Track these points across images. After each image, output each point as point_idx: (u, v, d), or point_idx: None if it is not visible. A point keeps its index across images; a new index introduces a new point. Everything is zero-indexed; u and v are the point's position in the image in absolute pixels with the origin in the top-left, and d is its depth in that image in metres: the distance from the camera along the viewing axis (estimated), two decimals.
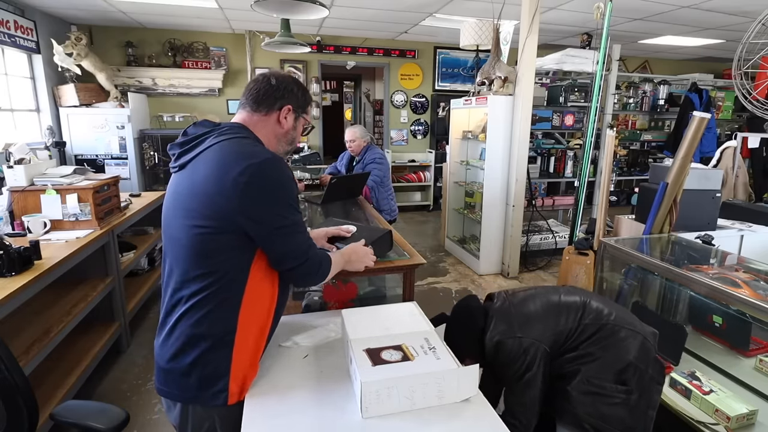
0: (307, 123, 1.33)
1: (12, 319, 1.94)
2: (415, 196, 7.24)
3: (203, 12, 4.83)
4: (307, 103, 1.29)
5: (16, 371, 1.22)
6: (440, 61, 6.90)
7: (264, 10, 3.00)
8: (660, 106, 5.47)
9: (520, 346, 1.46)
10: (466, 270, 4.52)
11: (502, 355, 1.49)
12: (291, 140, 1.29)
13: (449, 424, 1.03)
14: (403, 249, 1.90)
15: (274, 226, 1.09)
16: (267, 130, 1.23)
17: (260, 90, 1.21)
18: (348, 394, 1.12)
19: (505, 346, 1.48)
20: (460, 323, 1.62)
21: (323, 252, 1.27)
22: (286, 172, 1.12)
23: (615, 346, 1.47)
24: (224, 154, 1.09)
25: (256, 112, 1.21)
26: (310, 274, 1.20)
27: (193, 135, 1.16)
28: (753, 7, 4.28)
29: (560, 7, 4.51)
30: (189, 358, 1.10)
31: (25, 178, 2.52)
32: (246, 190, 1.04)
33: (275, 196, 1.08)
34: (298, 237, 1.15)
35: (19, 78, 4.56)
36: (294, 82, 1.26)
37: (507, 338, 1.49)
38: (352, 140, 3.43)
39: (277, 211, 1.09)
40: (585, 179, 3.55)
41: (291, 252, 1.14)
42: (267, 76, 1.24)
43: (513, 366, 1.47)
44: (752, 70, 2.77)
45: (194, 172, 1.11)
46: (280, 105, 1.22)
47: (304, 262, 1.16)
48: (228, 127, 1.17)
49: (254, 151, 1.10)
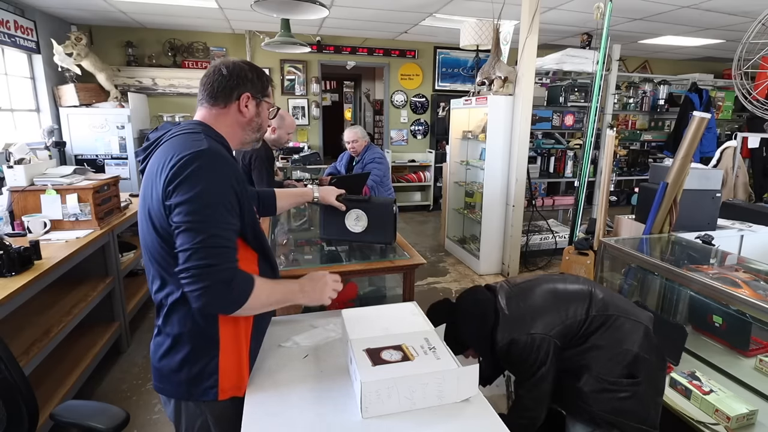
0: (272, 106, 1.28)
1: (12, 319, 1.94)
2: (415, 196, 7.24)
3: (203, 12, 4.83)
4: (265, 86, 1.23)
5: (16, 371, 1.22)
6: (440, 61, 6.90)
7: (264, 10, 3.00)
8: (660, 106, 5.47)
9: (532, 343, 1.45)
10: (466, 270, 4.52)
11: (514, 353, 1.48)
12: (257, 127, 1.25)
13: (449, 424, 1.03)
14: (403, 249, 1.90)
15: (182, 219, 0.99)
16: (229, 122, 1.18)
17: (214, 83, 1.16)
18: (348, 394, 1.12)
19: (518, 344, 1.47)
20: (469, 319, 1.59)
21: (247, 273, 1.06)
22: (220, 167, 1.04)
23: (621, 339, 1.47)
24: (165, 150, 1.06)
25: (214, 106, 1.17)
26: (209, 287, 0.97)
27: (153, 138, 1.15)
28: (753, 7, 4.28)
29: (560, 7, 4.51)
30: (178, 356, 1.10)
31: (25, 178, 2.52)
32: (171, 178, 0.99)
33: (193, 187, 0.99)
34: (206, 237, 0.98)
35: (19, 78, 4.56)
36: (248, 67, 1.20)
37: (520, 336, 1.47)
38: (354, 141, 3.43)
39: (190, 205, 0.99)
40: (585, 179, 3.55)
41: (189, 251, 0.98)
42: (218, 67, 1.17)
43: (526, 363, 1.46)
44: (752, 70, 2.76)
45: (149, 169, 1.09)
46: (237, 94, 1.17)
47: (204, 268, 0.97)
48: (184, 125, 1.14)
49: (191, 144, 1.04)
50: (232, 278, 1.01)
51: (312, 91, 6.46)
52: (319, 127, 6.65)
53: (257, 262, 1.19)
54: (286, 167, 5.65)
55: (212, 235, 0.99)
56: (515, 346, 1.47)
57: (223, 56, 5.94)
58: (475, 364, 1.10)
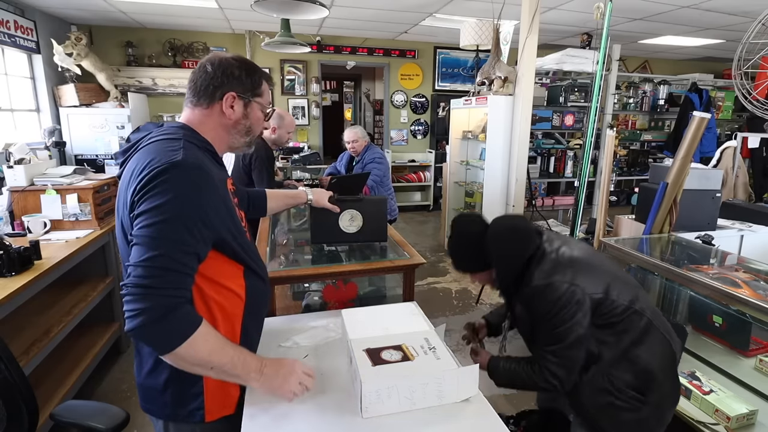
0: (265, 107, 1.15)
1: (12, 319, 1.94)
2: (415, 196, 7.24)
3: (203, 12, 4.83)
4: (255, 85, 1.10)
5: (16, 371, 1.22)
6: (440, 61, 6.90)
7: (264, 10, 3.00)
8: (660, 106, 5.47)
9: (572, 296, 1.28)
10: None
11: (549, 298, 1.30)
12: (246, 130, 1.13)
13: (449, 424, 1.03)
14: (403, 249, 1.90)
15: (136, 232, 0.89)
16: (213, 124, 1.08)
17: (197, 81, 1.06)
18: (348, 394, 1.12)
19: (557, 290, 1.29)
20: (507, 237, 1.43)
21: (196, 314, 0.93)
22: (192, 182, 0.93)
23: (646, 348, 1.35)
24: (139, 158, 0.97)
25: (197, 106, 1.07)
26: (143, 310, 0.84)
27: (134, 141, 1.06)
28: (753, 7, 4.27)
29: (560, 7, 4.51)
30: (162, 376, 1.03)
31: (25, 178, 2.52)
32: (138, 190, 0.91)
33: (156, 201, 0.89)
34: (154, 255, 0.86)
35: (19, 78, 4.56)
36: (236, 63, 1.08)
37: (561, 282, 1.30)
38: (355, 141, 3.43)
39: (148, 218, 0.88)
40: (585, 179, 3.55)
41: (133, 267, 0.87)
42: (203, 63, 1.07)
43: (559, 317, 1.29)
44: (752, 70, 2.76)
45: (123, 177, 1.01)
46: (221, 94, 1.06)
47: (142, 287, 0.85)
48: (166, 128, 1.05)
49: (165, 153, 0.94)
50: (171, 308, 0.86)
51: (312, 91, 6.46)
52: (319, 127, 6.65)
53: (243, 275, 1.09)
54: (286, 167, 5.65)
55: (162, 254, 0.87)
56: (552, 291, 1.29)
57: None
58: (475, 365, 1.10)
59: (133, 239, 0.90)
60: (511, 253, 1.40)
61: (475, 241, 1.46)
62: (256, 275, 1.13)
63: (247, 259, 1.09)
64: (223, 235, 1.00)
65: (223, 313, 1.05)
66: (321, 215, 1.78)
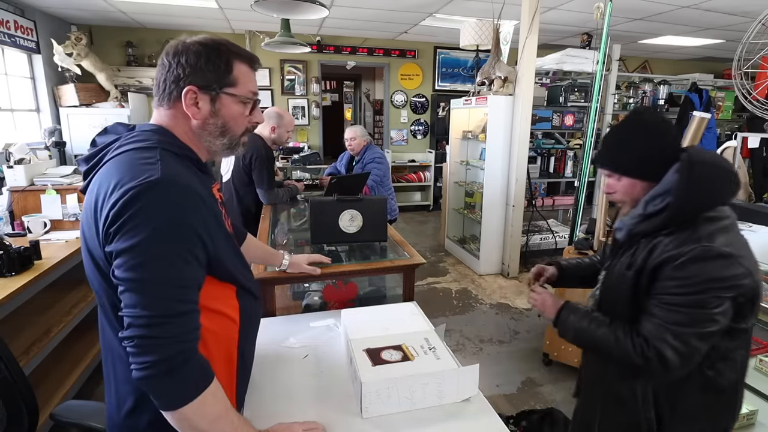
0: (245, 96, 0.93)
1: (12, 319, 1.94)
2: (415, 196, 7.24)
3: (203, 12, 4.83)
4: (224, 71, 0.90)
5: (16, 371, 1.22)
6: (440, 61, 6.90)
7: (264, 10, 3.00)
8: (660, 106, 5.46)
9: (733, 264, 0.99)
10: (466, 270, 4.52)
11: (717, 270, 0.99)
12: (221, 130, 0.93)
13: (449, 424, 1.03)
14: (403, 249, 1.90)
15: (124, 275, 0.77)
16: (181, 127, 0.92)
17: (158, 77, 0.90)
18: (348, 394, 1.12)
19: (732, 267, 0.99)
20: (708, 166, 1.05)
21: (206, 365, 0.83)
22: (176, 203, 0.79)
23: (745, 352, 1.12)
24: (107, 174, 0.82)
25: (160, 107, 0.92)
26: (156, 363, 0.75)
27: (100, 146, 0.90)
28: (753, 7, 4.27)
29: (560, 7, 4.51)
30: (145, 416, 0.89)
31: (25, 178, 2.52)
32: (112, 219, 0.77)
33: (138, 232, 0.76)
34: (153, 301, 0.77)
35: (19, 78, 4.56)
36: (195, 48, 0.88)
37: (741, 263, 1.00)
38: (353, 138, 3.43)
39: (134, 257, 0.76)
40: (585, 179, 3.55)
41: (132, 318, 0.76)
42: (162, 55, 0.90)
43: (719, 294, 0.99)
44: (752, 70, 2.76)
45: (88, 195, 0.85)
46: (179, 90, 0.88)
47: (150, 339, 0.76)
48: (138, 132, 0.90)
49: (140, 169, 0.80)
50: (184, 358, 0.78)
51: (312, 91, 6.46)
52: (319, 127, 6.65)
53: (236, 295, 0.98)
54: (286, 167, 5.65)
55: (159, 299, 0.77)
56: (728, 266, 0.98)
57: None
58: (475, 364, 1.10)
59: (119, 284, 0.77)
60: (711, 186, 1.03)
61: (665, 141, 1.09)
62: (249, 293, 1.01)
63: (239, 277, 0.97)
64: (217, 254, 0.88)
65: (217, 341, 0.93)
66: (321, 215, 1.78)
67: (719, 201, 1.06)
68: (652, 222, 1.08)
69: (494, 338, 3.14)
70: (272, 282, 1.60)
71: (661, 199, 1.07)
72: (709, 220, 1.03)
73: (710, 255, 0.98)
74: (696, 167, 1.03)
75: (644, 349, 1.03)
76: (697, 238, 1.01)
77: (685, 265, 1.00)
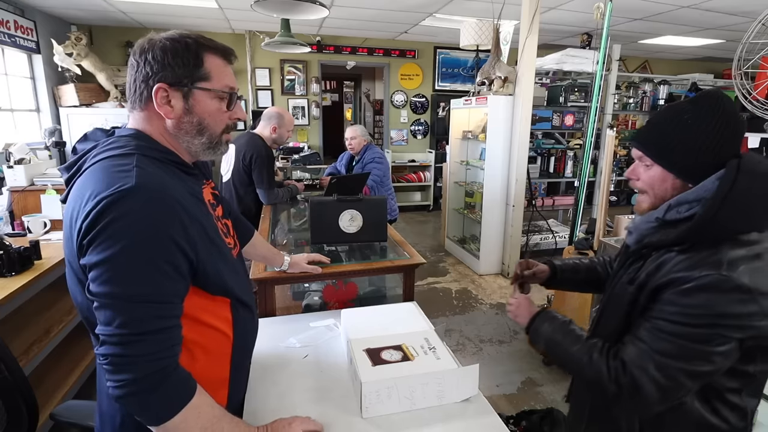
0: (218, 92, 0.88)
1: (12, 319, 1.94)
2: (415, 196, 7.24)
3: (203, 12, 4.83)
4: (193, 67, 0.85)
5: (16, 371, 1.22)
6: (440, 61, 6.90)
7: (264, 10, 3.00)
8: (660, 106, 5.46)
9: (749, 300, 0.80)
10: (466, 270, 4.52)
11: (722, 305, 0.82)
12: (197, 129, 0.88)
13: (449, 424, 1.03)
14: (403, 249, 1.90)
15: (97, 289, 0.73)
16: (156, 128, 0.87)
17: (128, 79, 0.87)
18: (348, 394, 1.12)
19: (745, 304, 0.81)
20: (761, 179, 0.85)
21: (188, 378, 0.80)
22: (153, 212, 0.75)
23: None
24: (83, 185, 0.79)
25: (134, 109, 0.88)
26: (132, 381, 0.73)
27: (80, 153, 0.87)
28: (753, 7, 4.27)
29: (560, 7, 4.51)
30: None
31: (25, 178, 2.53)
32: (85, 230, 0.73)
33: (112, 244, 0.72)
34: (128, 319, 0.73)
35: (19, 78, 4.56)
36: (161, 43, 0.83)
37: (759, 302, 0.81)
38: (353, 137, 3.44)
39: (108, 270, 0.72)
40: (585, 179, 3.55)
41: (106, 335, 0.73)
42: (131, 55, 0.87)
43: (720, 331, 0.82)
44: (752, 70, 2.76)
45: (67, 205, 0.82)
46: (149, 90, 0.84)
47: (124, 357, 0.73)
48: (115, 138, 0.85)
49: (114, 177, 0.76)
50: (163, 375, 0.75)
51: (312, 91, 6.46)
52: (319, 127, 6.65)
53: (230, 308, 0.93)
54: (286, 167, 5.65)
55: (134, 317, 0.73)
56: (740, 303, 0.81)
57: None
58: (475, 364, 1.10)
59: (93, 299, 0.74)
60: (755, 206, 0.84)
61: (726, 139, 0.89)
62: (245, 306, 0.97)
63: (233, 289, 0.92)
64: (203, 265, 0.83)
65: (207, 356, 0.90)
66: (321, 215, 1.78)
67: (758, 226, 0.86)
68: (667, 233, 0.91)
69: (494, 338, 3.14)
70: (272, 282, 1.60)
71: (688, 206, 0.90)
72: (737, 243, 0.85)
73: (726, 287, 0.81)
74: (744, 178, 0.83)
75: (618, 375, 0.89)
76: (715, 262, 0.83)
77: (691, 291, 0.83)
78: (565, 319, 1.07)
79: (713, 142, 0.88)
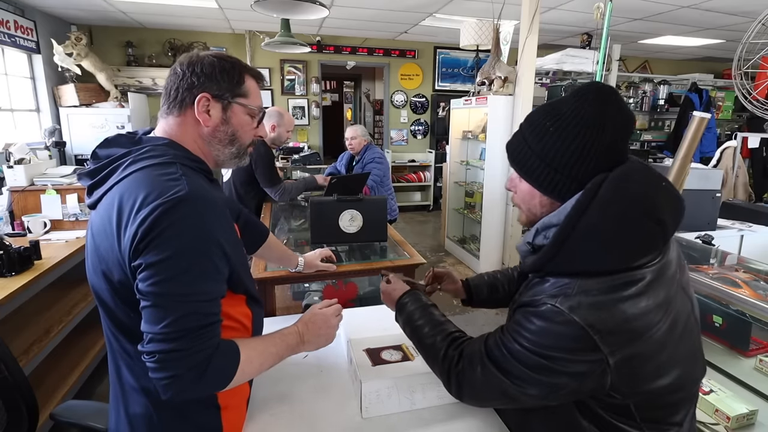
0: (253, 109, 0.97)
1: (12, 319, 1.94)
2: (415, 196, 7.24)
3: (203, 12, 4.83)
4: (236, 83, 0.94)
5: (16, 371, 1.22)
6: (440, 61, 6.90)
7: (264, 10, 3.00)
8: (660, 106, 5.48)
9: (583, 331, 0.73)
10: (466, 270, 4.52)
11: (554, 319, 0.76)
12: (230, 138, 0.96)
13: (449, 424, 1.03)
14: (403, 249, 1.90)
15: (149, 289, 0.77)
16: (189, 134, 0.93)
17: (168, 86, 0.93)
18: (348, 394, 1.12)
19: (567, 329, 0.74)
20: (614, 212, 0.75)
21: (230, 346, 0.86)
22: (205, 217, 0.81)
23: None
24: (128, 191, 0.82)
25: (169, 115, 0.93)
26: (178, 376, 0.77)
27: (105, 160, 0.89)
28: (753, 7, 4.27)
29: (560, 7, 4.51)
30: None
31: (25, 178, 2.52)
32: (142, 235, 0.77)
33: (168, 247, 0.77)
34: (179, 317, 0.78)
35: (19, 78, 4.56)
36: (209, 60, 0.92)
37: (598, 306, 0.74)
38: (353, 137, 3.44)
39: (163, 270, 0.77)
40: None
41: (153, 334, 0.78)
42: (174, 65, 0.94)
43: (551, 338, 0.76)
44: (752, 70, 2.76)
45: (104, 210, 0.85)
46: (192, 97, 0.91)
47: (172, 353, 0.77)
48: (149, 147, 0.89)
49: (167, 185, 0.81)
50: (208, 362, 0.80)
51: (312, 91, 6.46)
52: (319, 127, 6.65)
53: (246, 303, 1.01)
54: (286, 167, 5.65)
55: (189, 312, 0.79)
56: (557, 315, 0.75)
57: None
58: None
59: (145, 297, 0.78)
60: (608, 241, 0.74)
61: (591, 147, 0.77)
62: (256, 302, 1.04)
63: (249, 286, 1.00)
64: (235, 266, 0.90)
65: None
66: (321, 215, 1.78)
67: (614, 263, 0.75)
68: (534, 259, 0.83)
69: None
70: (272, 282, 1.60)
71: (553, 230, 0.80)
72: (591, 275, 0.76)
73: (558, 319, 0.75)
74: (598, 207, 0.73)
75: (450, 366, 0.88)
76: (555, 294, 0.77)
77: (530, 316, 0.79)
78: (433, 304, 1.07)
79: (573, 157, 0.78)
